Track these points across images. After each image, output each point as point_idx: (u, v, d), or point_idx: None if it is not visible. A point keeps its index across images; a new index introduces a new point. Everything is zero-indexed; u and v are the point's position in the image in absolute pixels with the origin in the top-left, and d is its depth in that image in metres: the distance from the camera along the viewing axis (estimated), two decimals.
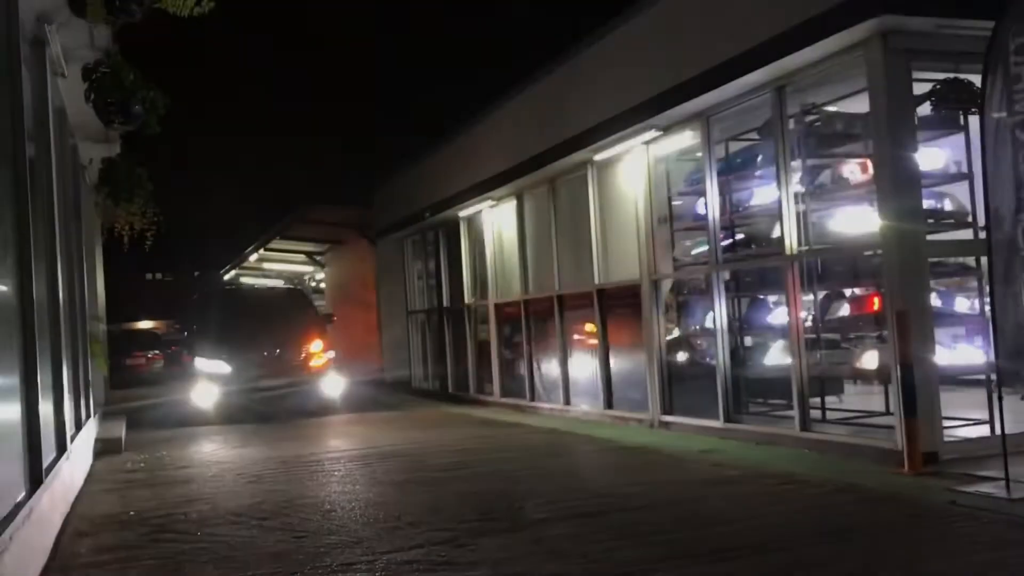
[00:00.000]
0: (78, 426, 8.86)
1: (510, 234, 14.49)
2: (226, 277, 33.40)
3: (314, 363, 15.12)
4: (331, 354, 15.61)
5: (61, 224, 8.06)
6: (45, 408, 6.40)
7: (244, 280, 34.26)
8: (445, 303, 17.60)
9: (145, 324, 44.81)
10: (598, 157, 11.42)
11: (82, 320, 10.00)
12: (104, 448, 10.81)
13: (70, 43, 7.73)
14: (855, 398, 10.14)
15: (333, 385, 15.21)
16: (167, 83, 8.69)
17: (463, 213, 15.97)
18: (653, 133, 10.22)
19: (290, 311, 16.17)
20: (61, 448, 7.34)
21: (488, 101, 14.86)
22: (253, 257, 29.25)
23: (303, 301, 17.52)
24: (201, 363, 14.60)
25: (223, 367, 14.43)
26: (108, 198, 10.52)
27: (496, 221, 15.08)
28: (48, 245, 7.15)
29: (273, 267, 31.77)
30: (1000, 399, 6.80)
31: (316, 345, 15.37)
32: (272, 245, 27.20)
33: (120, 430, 11.70)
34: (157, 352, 29.49)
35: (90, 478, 9.09)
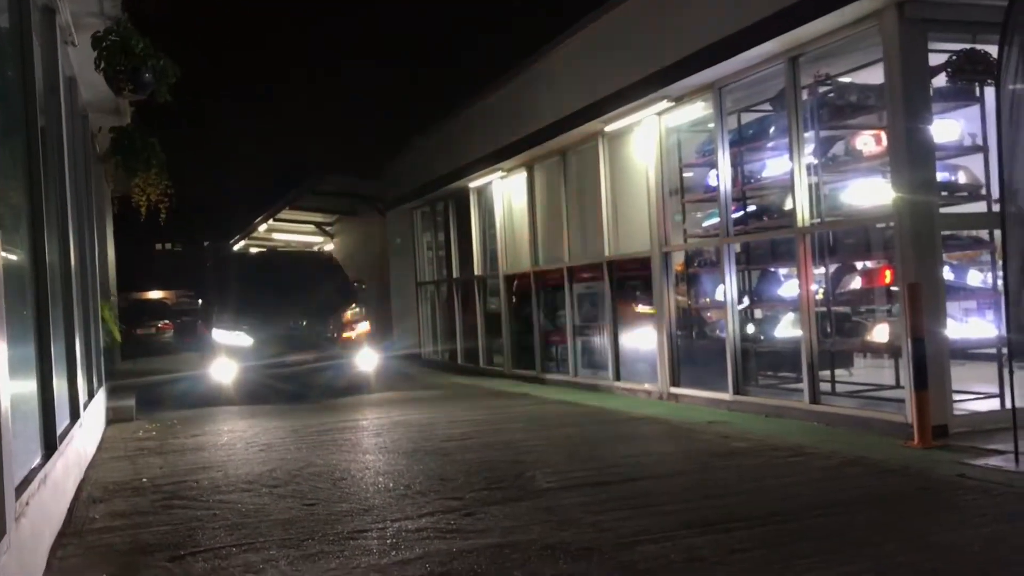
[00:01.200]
0: (90, 394, 8.93)
1: (520, 205, 14.46)
2: (235, 247, 33.05)
3: (346, 335, 13.59)
4: (365, 325, 13.90)
5: (72, 193, 8.07)
6: (58, 376, 6.45)
7: (256, 248, 34.11)
8: (455, 274, 17.61)
9: (155, 294, 45.06)
10: (609, 128, 11.36)
11: (93, 289, 10.04)
12: (115, 416, 10.90)
13: (79, 11, 7.71)
14: (864, 371, 10.16)
15: (367, 360, 13.58)
16: (177, 52, 8.69)
17: (473, 184, 15.93)
18: (665, 104, 10.16)
19: (318, 277, 14.48)
20: (74, 415, 7.39)
21: (499, 72, 14.79)
22: (262, 227, 29.23)
23: (332, 266, 15.57)
24: (219, 335, 13.09)
25: (244, 340, 12.97)
26: (119, 168, 10.54)
27: (506, 192, 15.04)
28: (60, 214, 7.17)
29: (282, 237, 31.79)
30: (1011, 372, 6.80)
31: (349, 315, 13.81)
32: (281, 215, 27.17)
33: (130, 400, 11.77)
34: (167, 322, 29.66)
35: (102, 446, 9.18)
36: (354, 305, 13.97)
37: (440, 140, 17.74)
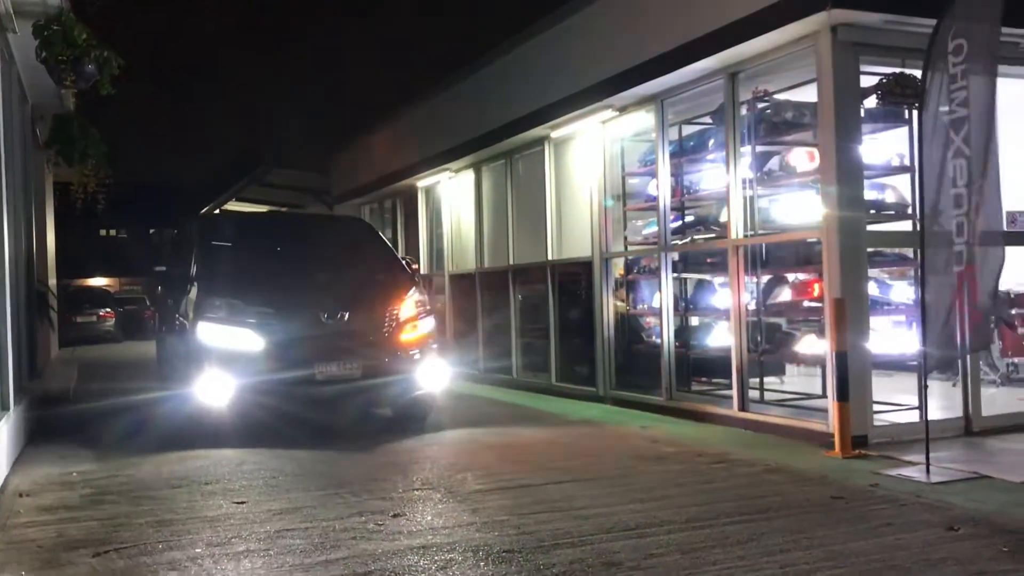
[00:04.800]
0: (21, 386, 8.81)
1: (467, 206, 14.54)
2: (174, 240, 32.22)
3: (405, 336, 8.96)
4: (430, 322, 9.39)
5: (9, 179, 7.98)
6: None
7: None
8: None
9: (97, 281, 44.26)
10: (555, 134, 11.51)
11: (29, 276, 9.91)
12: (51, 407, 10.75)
13: None
14: (796, 380, 10.45)
15: (434, 375, 9.11)
16: (121, 40, 8.63)
17: (421, 183, 15.98)
18: (610, 113, 10.34)
19: (356, 251, 10.13)
20: (3, 407, 7.32)
21: (449, 72, 14.85)
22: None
23: (373, 237, 10.79)
24: (209, 333, 8.45)
25: (250, 341, 8.40)
26: (59, 155, 10.41)
27: (454, 192, 15.11)
28: None
29: None
30: (925, 386, 7.08)
31: (408, 307, 9.13)
32: (229, 207, 26.92)
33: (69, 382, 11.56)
34: (109, 310, 29.17)
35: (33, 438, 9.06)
36: (414, 292, 9.36)
37: (390, 137, 17.74)
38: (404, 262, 10.05)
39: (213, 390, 8.36)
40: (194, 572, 4.59)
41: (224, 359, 8.33)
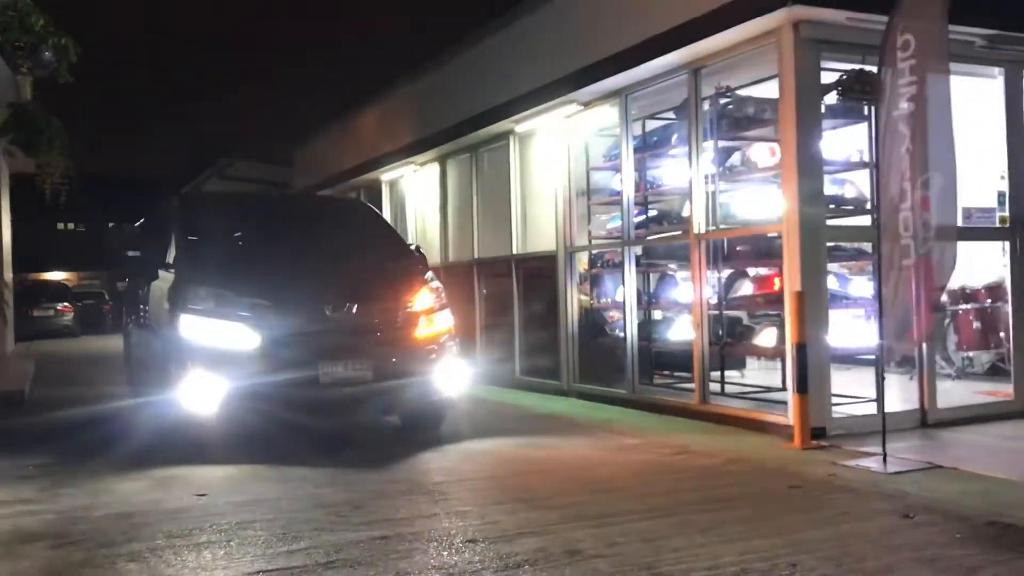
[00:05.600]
0: None
1: (432, 200, 14.52)
2: (137, 233, 31.58)
3: (420, 333, 7.91)
4: (447, 317, 8.29)
5: None
6: None
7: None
8: None
9: (56, 275, 43.60)
10: (520, 128, 11.52)
11: None
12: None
13: None
14: (756, 373, 10.57)
15: (453, 377, 8.05)
16: (82, 29, 8.51)
17: (386, 176, 15.92)
18: (575, 108, 10.37)
19: (361, 236, 9.12)
20: None
21: (414, 65, 14.81)
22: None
23: (376, 221, 9.92)
24: (195, 327, 7.34)
25: (244, 337, 7.28)
26: (13, 144, 10.23)
27: (418, 186, 15.08)
28: None
29: None
30: (883, 378, 7.20)
31: (423, 297, 8.09)
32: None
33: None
34: (66, 304, 28.76)
35: None
36: (429, 280, 8.39)
37: (354, 129, 17.65)
38: (414, 249, 9.09)
39: (198, 395, 7.14)
40: None
41: (212, 359, 7.20)
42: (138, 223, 28.15)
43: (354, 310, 7.61)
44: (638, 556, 4.53)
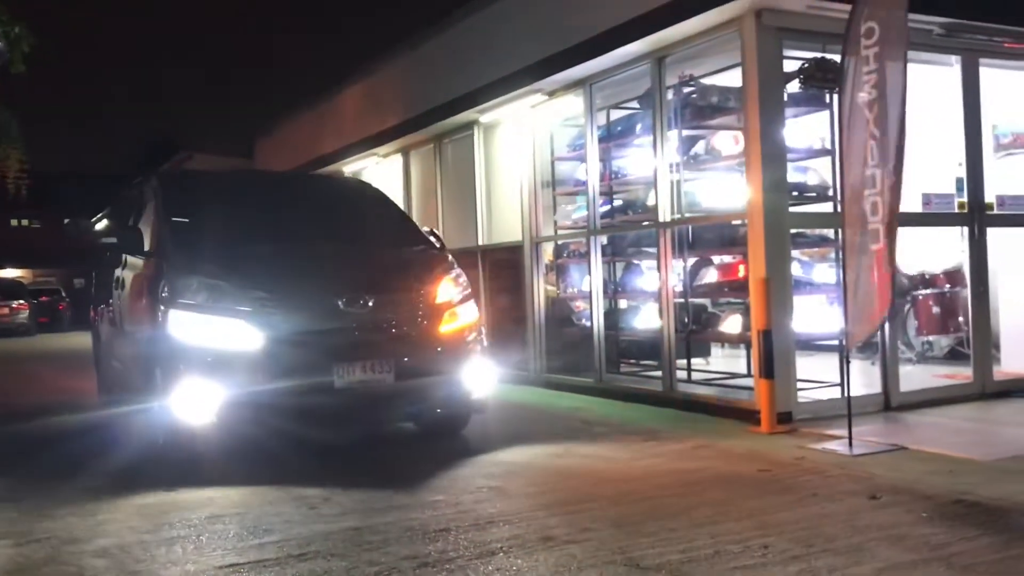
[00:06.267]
0: None
1: (396, 191, 14.42)
2: (98, 226, 30.87)
3: (445, 328, 7.01)
4: (472, 310, 7.39)
5: None
6: None
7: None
8: None
9: (9, 272, 42.78)
10: (485, 118, 11.49)
11: None
12: None
13: None
14: (720, 360, 10.66)
15: (480, 377, 7.18)
16: (36, 19, 8.33)
17: (348, 168, 15.80)
18: (540, 97, 10.36)
19: (370, 220, 8.18)
20: None
21: (376, 55, 14.71)
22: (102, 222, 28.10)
23: (385, 203, 8.73)
24: (185, 326, 6.39)
25: (243, 336, 6.34)
26: None
27: (382, 178, 14.96)
28: None
29: None
30: (848, 362, 7.30)
31: (446, 288, 7.20)
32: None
33: None
34: (22, 302, 28.23)
35: None
36: (452, 268, 7.48)
37: (316, 121, 17.49)
38: (431, 234, 8.10)
39: (190, 404, 6.21)
40: None
41: (206, 361, 6.25)
42: (97, 217, 27.34)
43: (371, 303, 6.63)
44: (611, 540, 4.55)
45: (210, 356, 6.28)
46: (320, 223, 7.70)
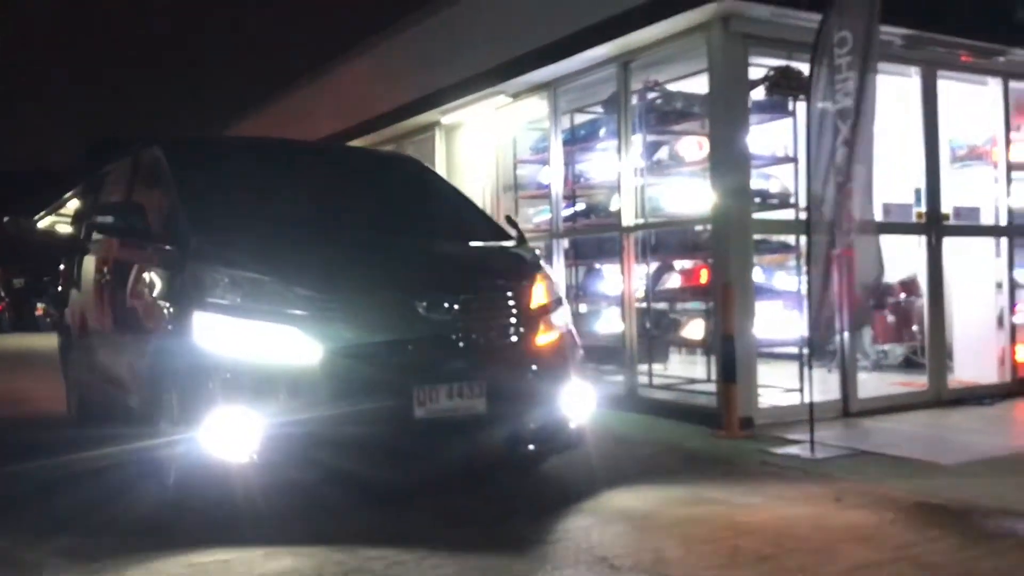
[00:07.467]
0: None
1: None
2: (41, 224, 29.30)
3: (541, 339, 5.48)
4: (566, 315, 5.86)
5: None
6: None
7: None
8: None
9: None
10: (447, 120, 11.42)
11: None
12: None
13: None
14: (679, 366, 10.67)
15: (578, 399, 5.59)
16: None
17: None
18: (503, 99, 10.32)
19: (435, 205, 6.73)
20: None
21: (336, 53, 14.57)
22: (73, 203, 27.33)
23: (446, 186, 7.45)
24: (216, 332, 4.82)
25: (293, 349, 4.77)
26: None
27: None
28: None
29: None
30: (810, 369, 7.35)
31: (538, 291, 5.63)
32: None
33: None
34: None
35: None
36: (540, 269, 5.94)
37: (273, 120, 17.25)
38: (511, 222, 6.44)
39: (221, 436, 4.67)
40: None
41: (245, 380, 4.76)
42: (39, 215, 26.27)
43: (456, 308, 5.14)
44: (577, 541, 4.50)
45: (250, 373, 4.77)
46: (376, 206, 6.25)
